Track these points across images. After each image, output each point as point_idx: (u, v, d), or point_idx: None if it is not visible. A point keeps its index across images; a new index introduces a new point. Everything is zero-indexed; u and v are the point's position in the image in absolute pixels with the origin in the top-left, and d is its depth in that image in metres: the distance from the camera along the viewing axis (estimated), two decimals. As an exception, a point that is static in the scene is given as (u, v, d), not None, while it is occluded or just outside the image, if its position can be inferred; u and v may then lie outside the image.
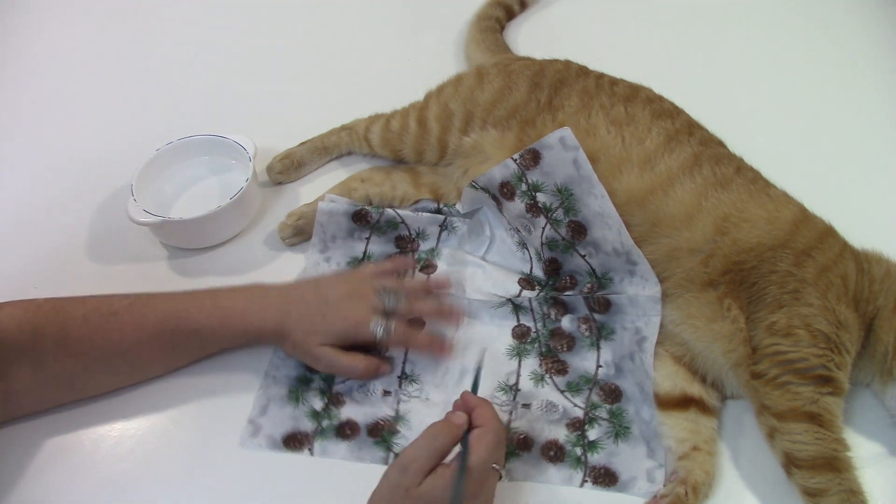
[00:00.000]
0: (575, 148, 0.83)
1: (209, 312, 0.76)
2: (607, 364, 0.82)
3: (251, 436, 0.77)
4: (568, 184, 0.84)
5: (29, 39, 1.30)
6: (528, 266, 0.89)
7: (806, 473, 0.68)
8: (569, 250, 0.85)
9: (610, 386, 0.80)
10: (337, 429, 0.78)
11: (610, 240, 0.82)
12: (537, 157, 0.85)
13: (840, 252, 0.78)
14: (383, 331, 0.78)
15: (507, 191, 0.87)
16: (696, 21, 1.29)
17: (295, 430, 0.78)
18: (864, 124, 1.10)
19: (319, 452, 0.76)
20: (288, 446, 0.76)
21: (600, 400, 0.79)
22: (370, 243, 0.93)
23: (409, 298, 0.81)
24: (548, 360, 0.83)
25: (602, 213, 0.82)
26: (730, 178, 0.81)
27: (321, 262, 0.92)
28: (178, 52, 1.25)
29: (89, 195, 1.01)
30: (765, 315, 0.75)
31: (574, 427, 0.77)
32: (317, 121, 1.06)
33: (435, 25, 1.28)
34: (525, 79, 0.93)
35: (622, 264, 0.82)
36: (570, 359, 0.83)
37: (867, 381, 0.78)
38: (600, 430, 0.77)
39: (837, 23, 1.28)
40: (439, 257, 0.92)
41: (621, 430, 0.77)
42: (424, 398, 0.80)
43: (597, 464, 0.75)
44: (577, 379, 0.81)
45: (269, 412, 0.79)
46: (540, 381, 0.81)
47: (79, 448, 0.76)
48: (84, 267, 0.93)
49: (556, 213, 0.85)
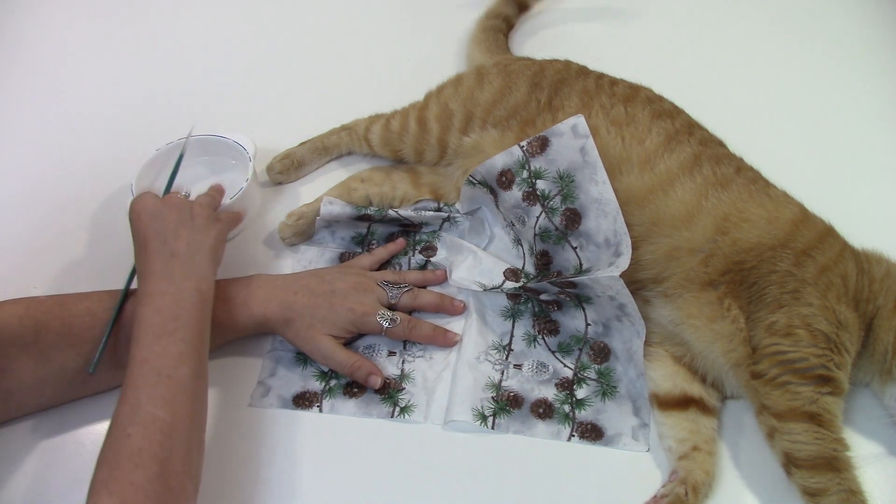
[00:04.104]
0: (585, 136, 0.83)
1: (214, 303, 0.77)
2: (595, 322, 0.84)
3: (262, 396, 0.80)
4: (570, 170, 0.84)
5: (29, 38, 1.30)
6: (522, 262, 0.90)
7: (806, 473, 0.68)
8: (561, 241, 0.85)
9: (599, 344, 0.83)
10: (344, 388, 0.81)
11: (603, 229, 0.82)
12: (545, 145, 0.86)
13: (840, 252, 0.78)
14: (389, 322, 0.81)
15: (506, 179, 0.87)
16: (695, 21, 1.29)
17: (304, 389, 0.81)
18: (864, 124, 1.10)
19: (328, 409, 0.80)
20: (298, 405, 0.80)
21: (589, 360, 0.83)
22: (373, 225, 0.95)
23: (411, 291, 0.86)
24: (541, 321, 0.86)
25: (600, 199, 0.82)
26: (730, 178, 0.81)
27: (326, 237, 0.94)
28: (178, 53, 1.25)
29: (90, 195, 1.01)
30: (765, 315, 0.75)
31: (563, 387, 0.81)
32: (317, 121, 1.06)
33: (435, 25, 1.28)
34: (525, 79, 0.93)
35: (608, 256, 0.82)
36: (561, 318, 0.86)
37: (867, 381, 0.78)
38: (588, 389, 0.81)
39: (837, 23, 1.27)
40: (439, 240, 0.94)
41: (609, 390, 0.80)
42: (428, 357, 0.84)
43: (584, 420, 0.78)
44: (568, 339, 0.84)
45: (279, 374, 0.82)
46: (533, 342, 0.84)
47: (79, 448, 0.76)
48: (84, 267, 0.94)
49: (554, 202, 0.85)
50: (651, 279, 0.81)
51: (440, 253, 0.93)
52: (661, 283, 0.81)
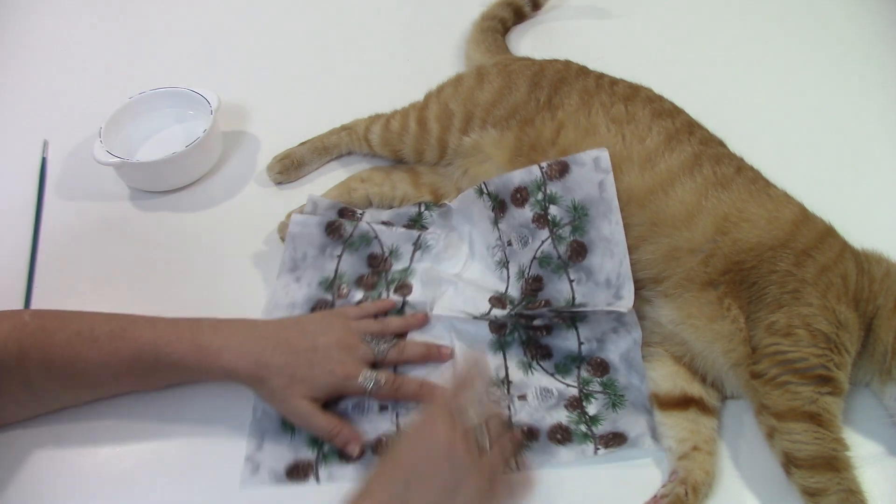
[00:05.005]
0: (606, 171, 0.82)
1: (187, 348, 0.73)
2: (588, 340, 0.82)
3: (252, 474, 0.74)
4: (586, 203, 0.83)
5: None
6: (505, 285, 0.87)
7: (805, 473, 0.68)
8: (559, 271, 0.84)
9: (596, 360, 0.82)
10: (339, 452, 0.75)
11: (607, 269, 0.82)
12: (564, 171, 0.84)
13: (840, 252, 0.78)
14: (374, 384, 0.76)
15: (521, 196, 0.86)
16: (695, 21, 1.29)
17: (296, 460, 0.75)
18: (864, 124, 1.10)
19: (326, 478, 0.73)
20: (292, 477, 0.74)
21: (590, 375, 0.81)
22: (341, 261, 0.89)
23: (397, 346, 0.80)
24: (531, 347, 0.83)
25: (610, 239, 0.82)
26: (730, 178, 0.81)
27: (291, 284, 0.87)
28: (178, 53, 1.25)
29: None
30: (765, 315, 0.75)
31: (573, 406, 0.79)
32: (317, 121, 1.06)
33: (435, 25, 1.28)
34: (525, 79, 0.93)
35: (606, 297, 0.81)
36: (552, 341, 0.83)
37: (867, 381, 0.78)
38: (598, 403, 0.79)
39: (837, 22, 1.27)
40: (413, 276, 0.88)
41: (617, 399, 0.79)
42: None
43: (603, 432, 0.76)
44: (563, 360, 0.82)
45: (266, 447, 0.76)
46: (528, 369, 0.82)
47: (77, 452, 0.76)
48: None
49: (563, 230, 0.84)
50: (651, 279, 0.81)
51: (416, 290, 0.87)
52: (661, 282, 0.81)
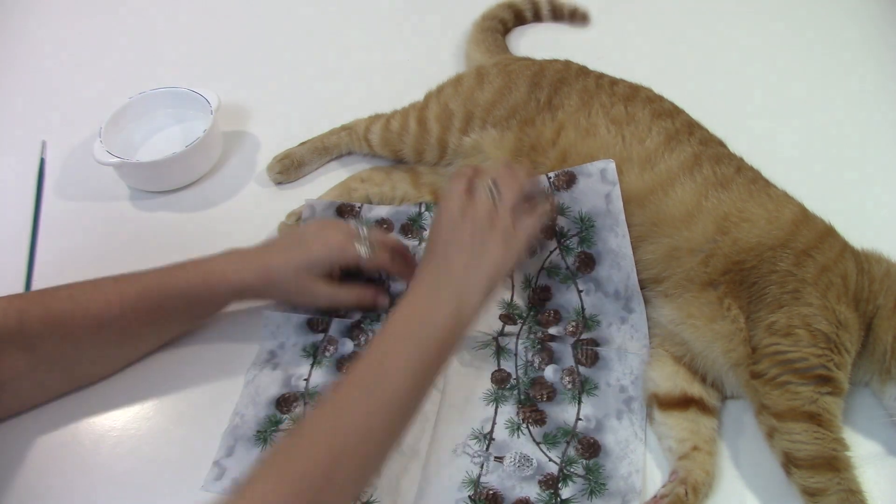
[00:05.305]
0: (613, 183, 0.82)
1: (192, 275, 0.77)
2: (587, 418, 0.77)
3: (215, 479, 0.73)
4: (592, 214, 0.83)
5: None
6: (509, 294, 0.86)
7: (805, 473, 0.68)
8: (567, 281, 0.84)
9: (589, 440, 0.76)
10: None
11: (615, 281, 0.82)
12: (572, 181, 0.84)
13: (840, 252, 0.78)
14: (367, 248, 0.80)
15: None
16: (695, 21, 1.29)
17: None
18: (864, 124, 1.10)
19: None
20: None
21: (577, 454, 0.75)
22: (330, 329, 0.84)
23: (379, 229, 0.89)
24: (526, 409, 0.78)
25: (618, 252, 0.81)
26: (730, 178, 0.81)
27: (276, 348, 0.83)
28: (177, 53, 1.25)
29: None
30: (765, 315, 0.75)
31: (547, 484, 0.73)
32: (317, 121, 1.06)
33: (435, 25, 1.28)
34: (525, 79, 0.93)
35: (617, 309, 0.82)
36: (550, 409, 0.78)
37: (867, 381, 0.78)
38: (574, 487, 0.72)
39: (837, 23, 1.28)
40: None
41: (596, 487, 0.72)
42: None
43: None
44: (554, 431, 0.77)
45: (237, 454, 0.74)
46: (516, 431, 0.77)
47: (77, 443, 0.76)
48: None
49: (570, 241, 0.84)
50: (651, 279, 0.82)
51: None
52: (661, 282, 0.81)
